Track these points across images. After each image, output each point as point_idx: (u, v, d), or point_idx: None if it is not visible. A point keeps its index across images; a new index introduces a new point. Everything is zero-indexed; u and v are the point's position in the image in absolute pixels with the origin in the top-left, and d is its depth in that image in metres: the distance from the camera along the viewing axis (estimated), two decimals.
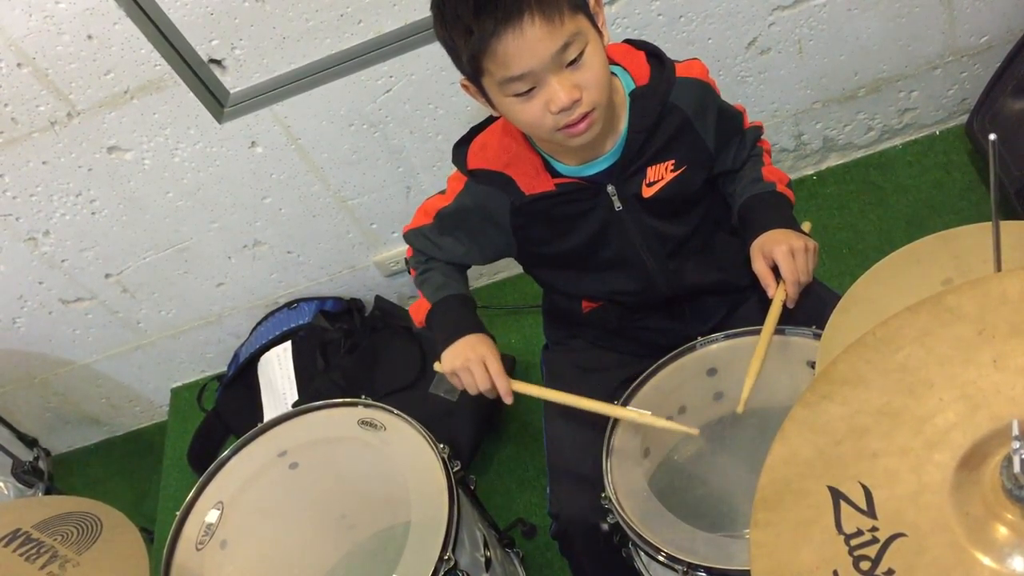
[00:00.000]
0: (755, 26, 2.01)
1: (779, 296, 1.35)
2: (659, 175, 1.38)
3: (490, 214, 1.42)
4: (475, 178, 1.41)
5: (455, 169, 1.45)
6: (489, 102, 1.28)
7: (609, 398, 1.44)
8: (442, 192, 1.48)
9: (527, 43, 1.15)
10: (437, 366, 1.45)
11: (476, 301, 1.53)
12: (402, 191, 2.21)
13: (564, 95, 1.19)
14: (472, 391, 1.40)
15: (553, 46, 1.16)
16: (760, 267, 1.37)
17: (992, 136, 0.88)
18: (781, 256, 1.34)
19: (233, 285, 2.37)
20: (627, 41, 1.42)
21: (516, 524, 1.97)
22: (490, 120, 1.44)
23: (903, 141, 2.30)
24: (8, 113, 1.91)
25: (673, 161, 1.38)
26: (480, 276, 2.47)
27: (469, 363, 1.38)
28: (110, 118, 1.95)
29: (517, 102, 1.22)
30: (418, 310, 1.51)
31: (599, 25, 1.25)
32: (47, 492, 2.46)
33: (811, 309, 1.37)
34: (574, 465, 1.47)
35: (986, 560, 0.74)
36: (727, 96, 1.47)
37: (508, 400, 1.39)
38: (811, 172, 2.34)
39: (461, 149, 1.43)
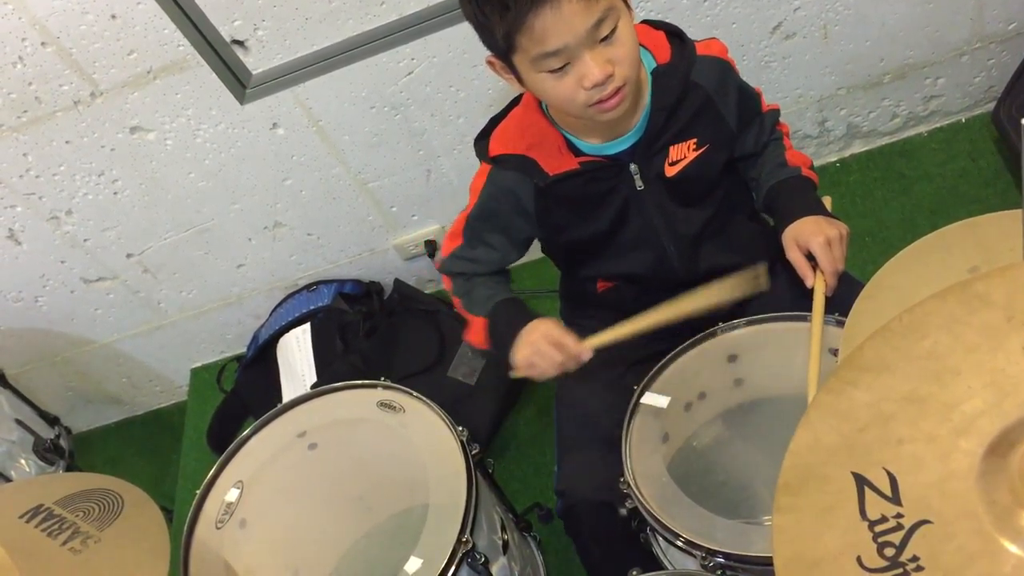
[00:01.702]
0: (780, 10, 1.99)
1: (820, 287, 1.34)
2: (682, 154, 1.38)
3: (517, 199, 1.41)
4: (498, 164, 1.41)
5: (476, 168, 1.44)
6: (518, 79, 1.27)
7: (625, 381, 1.44)
8: (464, 209, 1.48)
9: (564, 18, 1.15)
10: (514, 375, 1.39)
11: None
12: (423, 174, 2.21)
13: (598, 71, 1.19)
14: (556, 371, 1.34)
15: (589, 21, 1.16)
16: (796, 257, 1.36)
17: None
18: (818, 248, 1.33)
19: (253, 267, 2.38)
20: (645, 22, 1.41)
21: (533, 508, 1.98)
22: (507, 110, 1.44)
23: (928, 128, 2.28)
24: (32, 92, 1.92)
25: (695, 140, 1.38)
26: None
27: (536, 350, 1.34)
28: (133, 98, 1.95)
29: (550, 78, 1.22)
30: (475, 333, 1.48)
31: (627, 0, 1.25)
32: (68, 470, 2.48)
33: (834, 296, 1.36)
34: (583, 444, 1.47)
35: (1012, 548, 0.74)
36: (751, 81, 1.46)
37: (586, 356, 1.34)
38: (834, 159, 2.32)
39: (482, 141, 1.43)
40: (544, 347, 1.34)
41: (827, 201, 1.45)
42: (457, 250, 1.49)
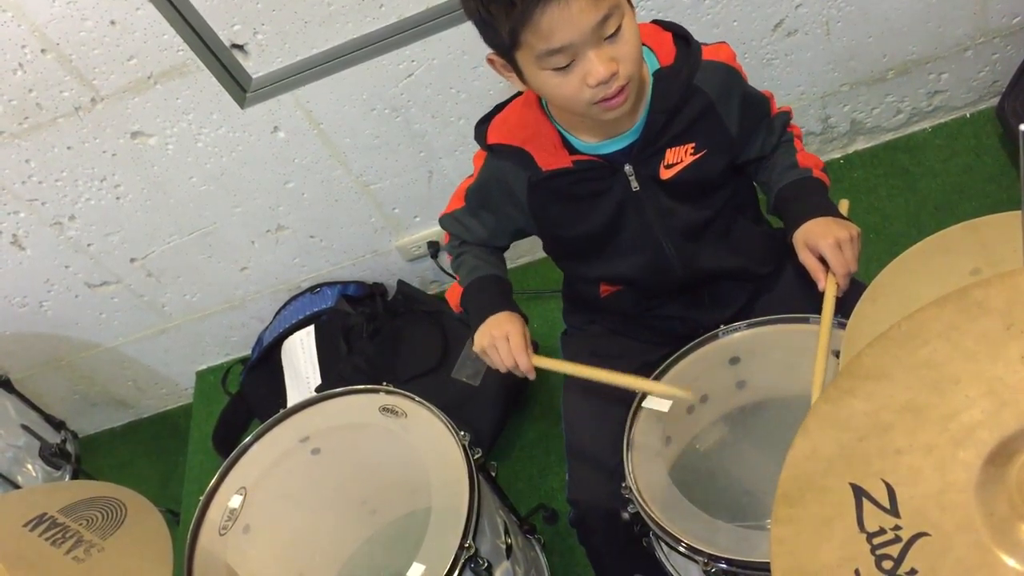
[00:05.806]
0: (782, 7, 1.98)
1: (831, 289, 1.32)
2: (678, 158, 1.37)
3: (509, 189, 1.42)
4: (494, 153, 1.41)
5: (479, 148, 1.45)
6: (520, 77, 1.27)
7: (631, 391, 1.43)
8: (471, 175, 1.49)
9: (571, 15, 1.14)
10: (472, 347, 1.46)
11: (511, 283, 1.53)
12: (424, 176, 2.20)
13: (603, 68, 1.18)
14: (501, 369, 1.41)
15: (595, 18, 1.15)
16: (807, 258, 1.35)
17: (1022, 126, 0.86)
18: (829, 250, 1.31)
19: (256, 269, 2.38)
20: (655, 22, 1.40)
21: (538, 510, 1.97)
22: (510, 100, 1.44)
23: (932, 124, 2.26)
24: (33, 99, 1.92)
25: (693, 144, 1.36)
26: None
27: (496, 341, 1.39)
28: (134, 103, 1.95)
29: (554, 76, 1.21)
30: (453, 294, 1.53)
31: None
32: (74, 474, 2.49)
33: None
34: (593, 452, 1.47)
35: (1011, 562, 0.73)
36: (753, 79, 1.45)
37: (531, 376, 1.40)
38: (838, 156, 2.31)
39: (482, 126, 1.44)
40: (502, 346, 1.39)
41: (844, 205, 1.42)
42: (457, 212, 1.52)
